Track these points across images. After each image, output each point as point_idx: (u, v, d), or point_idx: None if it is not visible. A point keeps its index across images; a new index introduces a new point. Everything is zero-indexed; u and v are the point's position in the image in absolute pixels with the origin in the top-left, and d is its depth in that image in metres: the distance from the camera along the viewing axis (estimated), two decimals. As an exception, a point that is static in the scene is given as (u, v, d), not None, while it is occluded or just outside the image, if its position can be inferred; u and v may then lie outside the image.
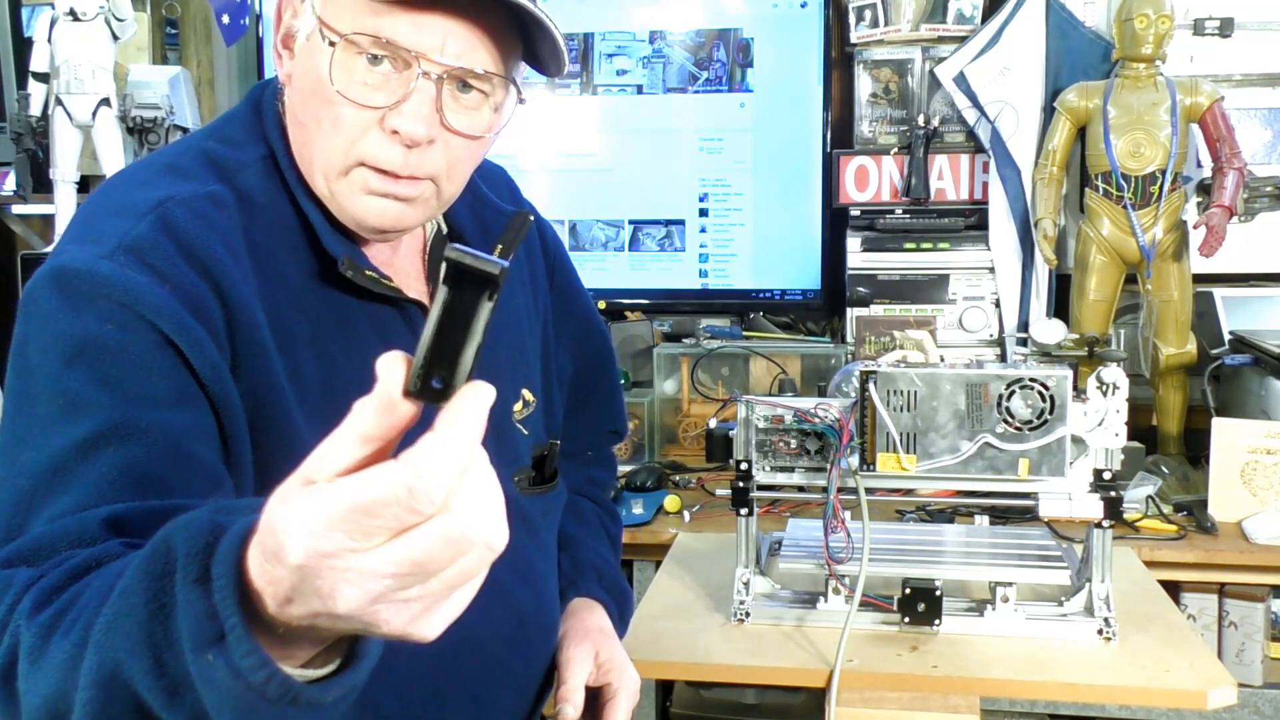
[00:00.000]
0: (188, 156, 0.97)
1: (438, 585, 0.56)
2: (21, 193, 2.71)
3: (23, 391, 0.86)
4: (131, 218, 0.88)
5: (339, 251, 0.96)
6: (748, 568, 1.52)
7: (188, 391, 0.85)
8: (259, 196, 0.95)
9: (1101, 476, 1.42)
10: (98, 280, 0.84)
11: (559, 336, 1.23)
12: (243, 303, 0.89)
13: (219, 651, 0.58)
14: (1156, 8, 2.27)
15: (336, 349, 0.96)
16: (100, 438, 0.82)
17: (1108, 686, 1.35)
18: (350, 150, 0.92)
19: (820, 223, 2.73)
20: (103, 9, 2.38)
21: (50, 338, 0.85)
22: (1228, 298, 2.49)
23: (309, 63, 0.92)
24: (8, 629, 0.73)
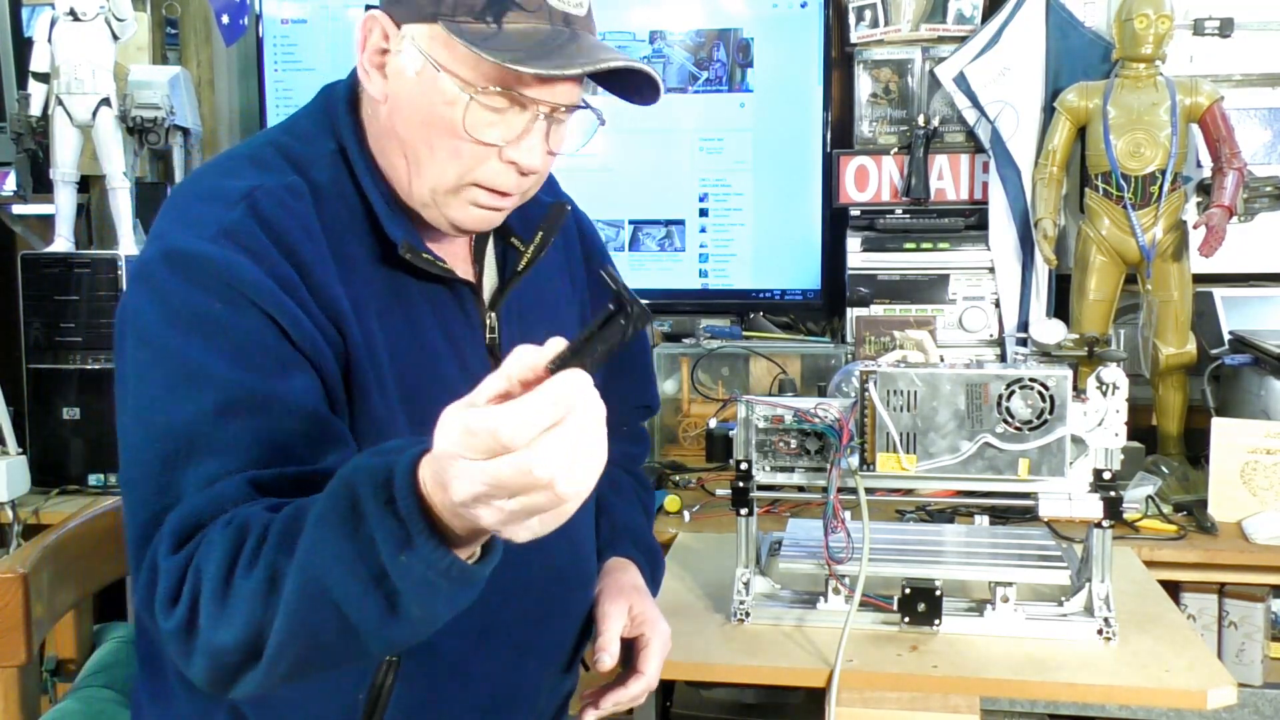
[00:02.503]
0: (267, 150, 1.08)
1: (515, 506, 0.72)
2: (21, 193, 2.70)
3: (143, 359, 0.97)
4: (224, 204, 1.00)
5: (399, 236, 1.06)
6: (748, 568, 1.52)
7: (294, 361, 0.98)
8: (328, 187, 1.06)
9: (1101, 476, 1.42)
10: (205, 260, 0.96)
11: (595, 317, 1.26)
12: (323, 281, 1.01)
13: (410, 551, 0.77)
14: (1156, 8, 2.27)
15: (397, 321, 1.07)
16: (229, 407, 0.94)
17: (1108, 686, 1.35)
18: (466, 174, 1.04)
19: (820, 223, 2.73)
20: (103, 9, 2.37)
21: (168, 311, 0.96)
22: (1228, 298, 2.48)
23: (419, 95, 1.02)
24: (185, 584, 0.88)
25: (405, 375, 1.07)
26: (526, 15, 1.00)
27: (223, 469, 0.93)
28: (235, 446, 0.94)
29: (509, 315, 1.18)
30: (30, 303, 2.30)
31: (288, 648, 0.85)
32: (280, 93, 2.94)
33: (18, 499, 2.23)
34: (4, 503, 2.19)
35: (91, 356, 2.29)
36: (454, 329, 1.12)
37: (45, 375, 2.30)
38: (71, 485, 2.31)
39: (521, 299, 1.20)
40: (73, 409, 2.30)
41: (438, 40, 1.01)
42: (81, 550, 1.57)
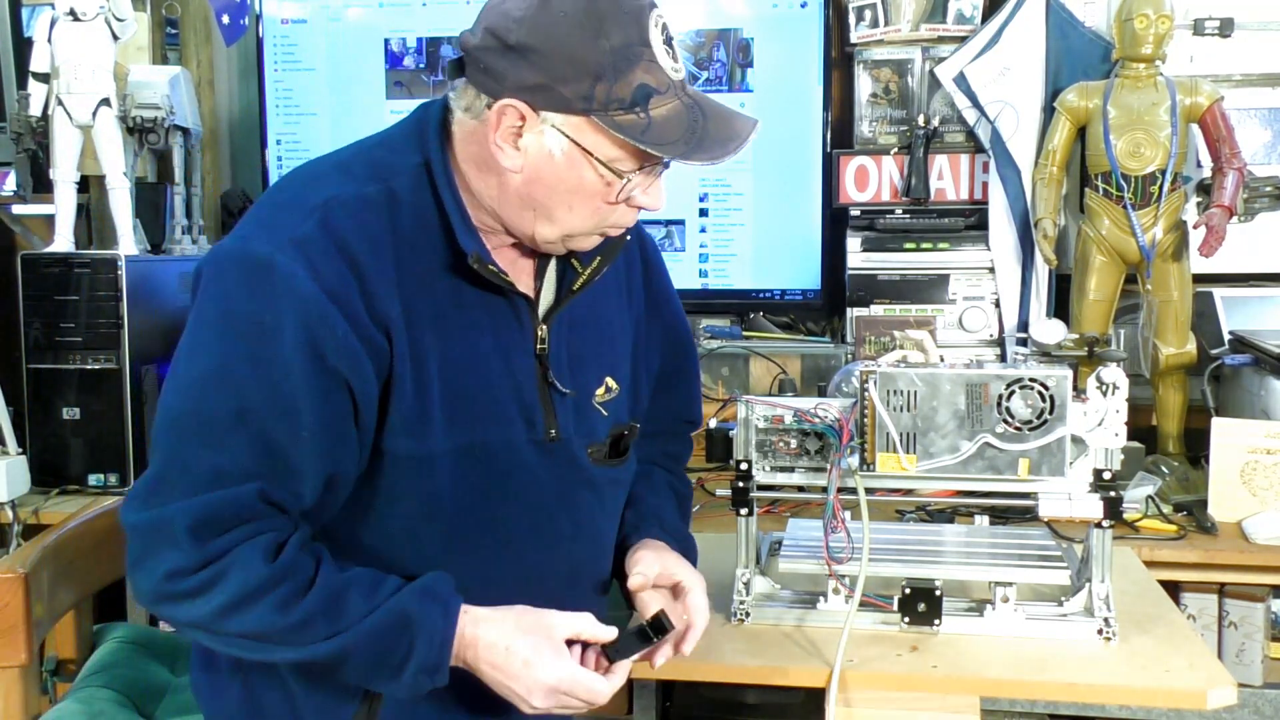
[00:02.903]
0: (359, 159, 1.21)
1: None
2: (21, 193, 2.70)
3: (196, 343, 1.13)
4: (301, 214, 1.12)
5: (470, 248, 1.17)
6: (748, 568, 1.52)
7: (320, 384, 1.10)
8: (407, 196, 1.17)
9: (1101, 476, 1.42)
10: (269, 268, 1.09)
11: (650, 335, 1.42)
12: (379, 292, 1.13)
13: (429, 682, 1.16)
14: (1156, 8, 2.27)
15: (454, 327, 1.18)
16: (246, 414, 1.09)
17: (1108, 686, 1.35)
18: (601, 224, 1.19)
19: (820, 223, 2.73)
20: (103, 9, 2.37)
21: (226, 310, 1.11)
22: (1228, 298, 2.49)
23: (564, 172, 1.14)
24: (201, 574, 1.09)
25: (452, 378, 1.18)
26: (663, 98, 1.13)
27: (230, 465, 1.09)
28: (244, 448, 1.09)
29: (559, 328, 1.26)
30: (30, 303, 2.30)
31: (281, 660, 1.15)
32: (280, 93, 2.95)
33: (18, 499, 2.23)
34: (4, 503, 2.19)
35: (91, 356, 2.29)
36: (506, 337, 1.22)
37: (45, 375, 2.30)
38: (71, 485, 2.31)
39: (574, 315, 1.28)
40: (73, 409, 2.30)
41: (587, 128, 1.12)
42: (81, 550, 1.57)
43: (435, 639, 1.14)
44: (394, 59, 2.88)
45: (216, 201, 3.07)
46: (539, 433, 1.24)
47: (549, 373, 1.24)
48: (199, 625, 1.12)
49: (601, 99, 1.10)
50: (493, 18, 1.13)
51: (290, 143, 2.95)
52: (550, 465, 1.25)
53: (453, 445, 1.18)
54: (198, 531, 1.08)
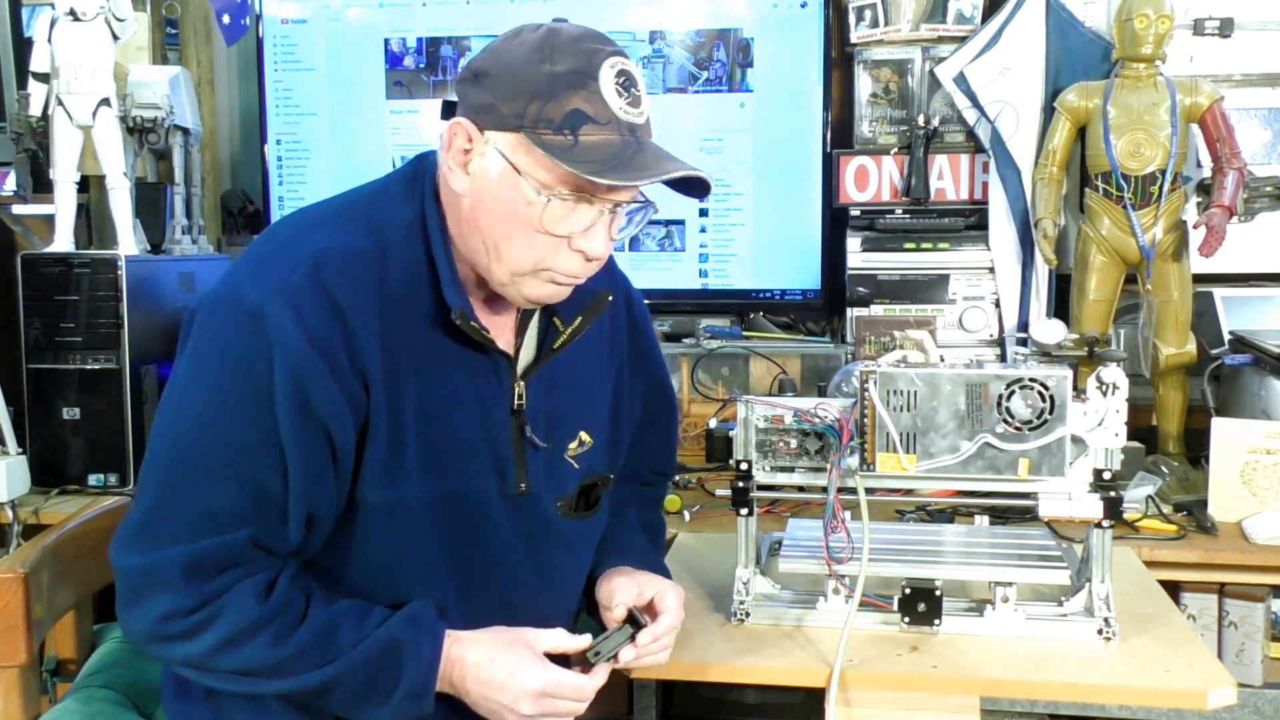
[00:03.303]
0: (355, 208, 1.24)
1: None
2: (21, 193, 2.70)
3: (188, 382, 1.16)
4: (293, 263, 1.15)
5: (454, 302, 1.20)
6: (748, 568, 1.52)
7: (305, 432, 1.14)
8: (398, 249, 1.20)
9: (1101, 476, 1.42)
10: (260, 316, 1.12)
11: (632, 391, 1.47)
12: (363, 345, 1.16)
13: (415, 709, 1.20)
14: (1156, 8, 2.27)
15: (433, 380, 1.21)
16: (240, 457, 1.13)
17: (1108, 686, 1.35)
18: (540, 262, 1.19)
19: (820, 223, 2.73)
20: (103, 9, 2.37)
21: (220, 353, 1.14)
22: (1228, 298, 2.48)
23: (500, 193, 1.16)
24: (194, 616, 1.13)
25: (428, 429, 1.21)
26: (599, 128, 1.14)
27: (221, 507, 1.13)
28: (235, 490, 1.13)
29: (538, 386, 1.30)
30: (30, 303, 2.30)
31: (267, 692, 1.18)
32: (280, 93, 2.95)
33: (18, 499, 2.23)
34: (4, 503, 2.19)
35: (91, 356, 2.29)
36: (484, 392, 1.25)
37: (45, 375, 2.30)
38: (71, 485, 2.31)
39: (553, 373, 1.31)
40: (73, 409, 2.30)
41: (519, 148, 1.15)
42: (81, 550, 1.57)
43: (423, 664, 1.19)
44: (394, 59, 2.88)
45: (216, 201, 3.07)
46: (509, 486, 1.28)
47: (525, 428, 1.28)
48: (192, 664, 1.16)
49: (533, 117, 1.13)
50: (475, 58, 1.21)
51: (290, 143, 2.95)
52: (518, 518, 1.29)
53: (426, 493, 1.22)
54: (192, 575, 1.12)
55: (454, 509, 1.24)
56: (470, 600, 1.27)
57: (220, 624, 1.13)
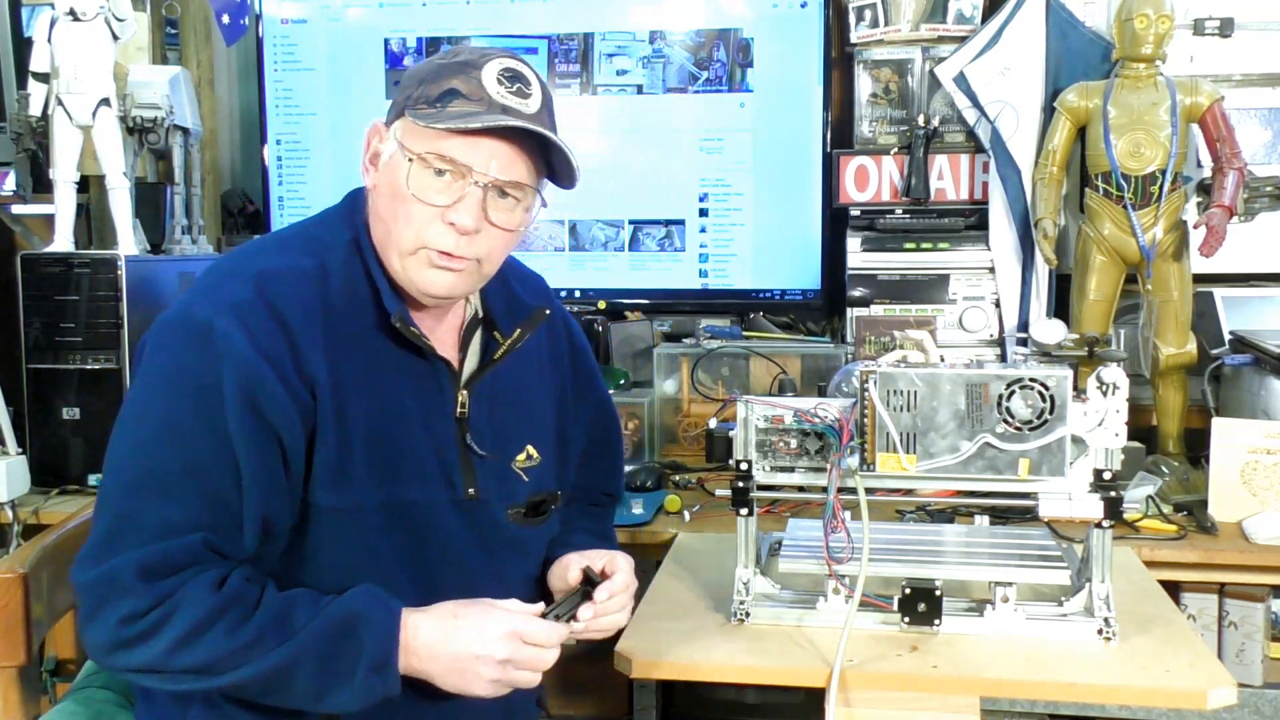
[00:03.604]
0: (297, 237, 1.32)
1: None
2: (21, 193, 2.71)
3: (143, 402, 1.20)
4: (239, 281, 1.22)
5: (394, 309, 1.26)
6: (748, 568, 1.52)
7: (259, 436, 1.18)
8: (338, 269, 1.27)
9: (1101, 476, 1.42)
10: (209, 331, 1.17)
11: (577, 413, 1.53)
12: (307, 354, 1.21)
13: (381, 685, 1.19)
14: (1156, 8, 2.27)
15: (378, 388, 1.26)
16: (196, 468, 1.16)
17: (1108, 686, 1.35)
18: (418, 236, 1.25)
19: (820, 223, 2.73)
20: (103, 9, 2.37)
21: (172, 370, 1.19)
22: (1228, 298, 2.48)
23: (391, 175, 1.26)
24: (153, 614, 1.14)
25: (375, 435, 1.26)
26: (469, 102, 1.23)
27: (179, 517, 1.16)
28: (192, 501, 1.17)
29: (480, 395, 1.35)
30: (30, 303, 2.30)
31: (230, 687, 1.17)
32: (280, 93, 2.95)
33: (18, 499, 2.23)
34: (4, 503, 2.19)
35: (91, 356, 2.29)
36: (427, 400, 1.30)
37: (45, 375, 2.30)
38: (71, 485, 2.31)
39: (495, 384, 1.37)
40: (73, 409, 2.30)
41: (404, 128, 1.25)
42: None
43: (382, 632, 1.19)
44: (394, 59, 2.88)
45: (216, 201, 3.07)
46: (458, 493, 1.31)
47: (468, 436, 1.32)
48: (151, 668, 1.16)
49: (415, 98, 1.25)
50: None
51: (290, 143, 2.95)
52: (470, 524, 1.33)
53: (379, 500, 1.26)
54: (147, 576, 1.15)
55: (407, 516, 1.27)
56: (433, 601, 1.28)
57: (177, 618, 1.14)
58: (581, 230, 2.82)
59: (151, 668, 1.16)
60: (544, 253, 2.82)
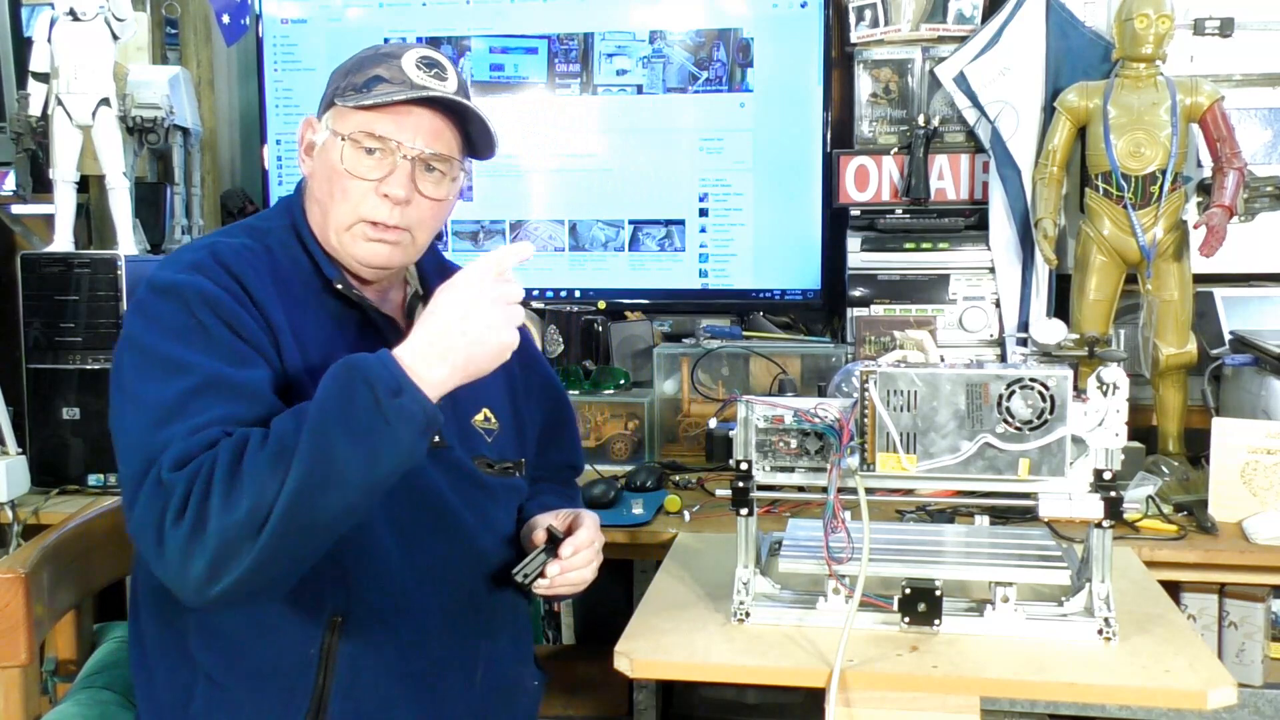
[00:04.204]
0: (237, 228, 1.42)
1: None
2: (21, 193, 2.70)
3: (137, 361, 1.25)
4: (192, 251, 1.33)
5: (334, 275, 1.38)
6: (748, 568, 1.52)
7: (251, 357, 1.26)
8: (279, 248, 1.38)
9: (1101, 476, 1.42)
10: (180, 286, 1.27)
11: (528, 391, 1.60)
12: (265, 304, 1.31)
13: (416, 408, 1.18)
14: (1156, 8, 2.27)
15: (333, 344, 1.34)
16: (205, 387, 1.21)
17: (1108, 686, 1.35)
18: (354, 210, 1.36)
19: (820, 223, 2.73)
20: (103, 9, 2.37)
21: (153, 324, 1.26)
22: (1228, 298, 2.48)
23: (326, 159, 1.37)
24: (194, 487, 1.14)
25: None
26: (391, 86, 1.34)
27: (196, 426, 1.19)
28: (210, 415, 1.20)
29: None
30: (30, 303, 2.30)
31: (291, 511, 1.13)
32: (280, 93, 2.95)
33: (18, 499, 2.23)
34: (4, 503, 2.19)
35: (91, 356, 2.29)
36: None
37: (45, 375, 2.30)
38: (71, 485, 2.31)
39: None
40: (73, 409, 2.30)
41: (336, 115, 1.37)
42: (81, 550, 1.57)
43: (377, 361, 1.19)
44: (394, 59, 2.88)
45: (216, 201, 3.07)
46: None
47: None
48: (225, 547, 1.13)
49: (343, 88, 1.36)
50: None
51: (290, 143, 2.95)
52: (440, 470, 1.39)
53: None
54: (179, 466, 1.16)
55: None
56: (413, 548, 1.35)
57: (214, 474, 1.14)
58: (581, 230, 2.82)
59: (225, 544, 1.13)
60: (544, 253, 2.82)
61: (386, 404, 1.15)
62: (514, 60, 2.84)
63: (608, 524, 2.06)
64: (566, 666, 2.54)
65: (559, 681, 2.48)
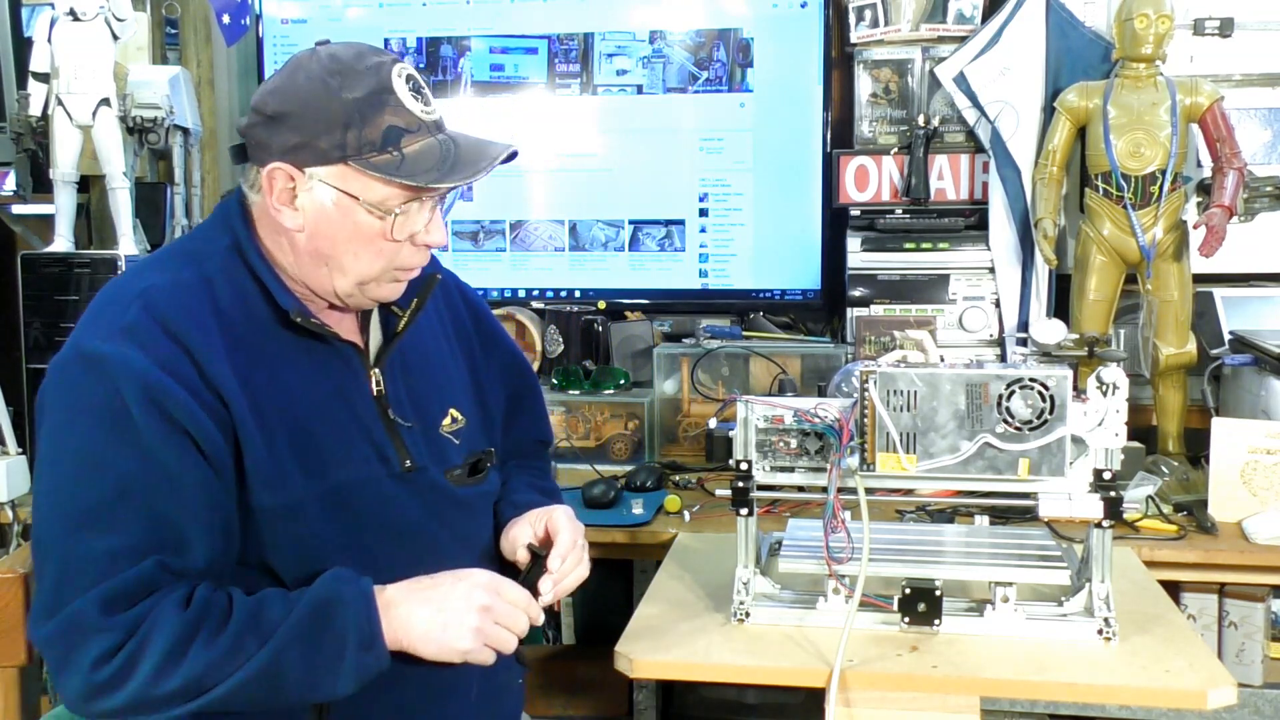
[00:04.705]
0: (169, 253, 1.31)
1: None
2: (21, 193, 2.71)
3: (54, 446, 1.18)
4: (122, 306, 1.20)
5: (290, 306, 1.26)
6: (748, 568, 1.52)
7: (180, 445, 1.16)
8: (221, 275, 1.26)
9: (1101, 476, 1.42)
10: (105, 359, 1.15)
11: (489, 370, 1.54)
12: (209, 361, 1.19)
13: (373, 662, 1.20)
14: (1156, 8, 2.27)
15: (291, 382, 1.26)
16: (125, 491, 1.14)
17: (1108, 686, 1.35)
18: (389, 265, 1.28)
19: (820, 223, 2.73)
20: (103, 9, 2.37)
21: (75, 405, 1.17)
22: (1228, 298, 2.48)
23: (339, 220, 1.24)
24: (125, 647, 1.12)
25: (298, 429, 1.25)
26: (413, 136, 1.23)
27: (123, 544, 1.14)
28: (133, 525, 1.14)
29: (392, 371, 1.36)
30: (30, 303, 2.30)
31: (220, 700, 1.13)
32: (280, 93, 2.94)
33: (18, 499, 2.23)
34: (4, 503, 2.19)
35: (91, 356, 2.29)
36: (344, 385, 1.31)
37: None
38: (71, 485, 2.30)
39: (404, 357, 1.38)
40: (73, 409, 2.30)
41: (349, 175, 1.22)
42: (81, 550, 1.56)
43: (360, 609, 1.19)
44: (394, 59, 2.88)
45: (216, 201, 3.07)
46: (395, 466, 1.32)
47: (390, 410, 1.33)
48: (136, 704, 1.13)
49: (354, 145, 1.21)
50: (255, 98, 1.25)
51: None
52: (414, 493, 1.33)
53: (315, 491, 1.25)
54: (110, 610, 1.12)
55: (350, 500, 1.27)
56: (391, 580, 1.28)
57: (151, 645, 1.12)
58: (581, 230, 2.82)
59: (137, 703, 1.13)
60: (544, 252, 2.83)
61: (352, 656, 1.18)
62: (514, 60, 2.84)
63: (608, 524, 2.06)
64: (566, 666, 2.54)
65: (559, 681, 2.48)
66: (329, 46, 1.25)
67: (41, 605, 1.15)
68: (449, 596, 1.24)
